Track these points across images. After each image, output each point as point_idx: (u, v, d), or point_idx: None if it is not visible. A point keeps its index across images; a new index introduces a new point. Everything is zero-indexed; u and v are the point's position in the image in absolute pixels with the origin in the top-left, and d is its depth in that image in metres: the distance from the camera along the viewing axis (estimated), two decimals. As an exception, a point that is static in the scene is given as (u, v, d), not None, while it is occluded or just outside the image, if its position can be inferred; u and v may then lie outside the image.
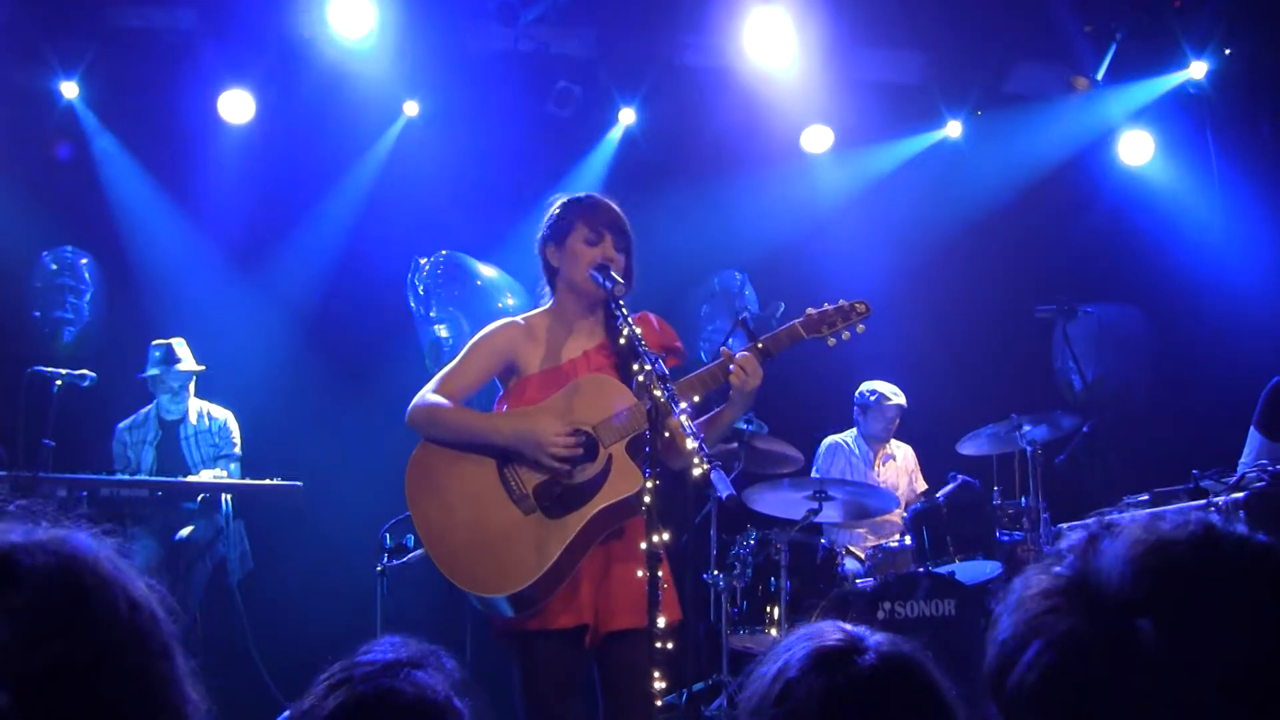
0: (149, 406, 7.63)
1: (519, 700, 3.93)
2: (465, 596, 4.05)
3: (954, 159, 9.19)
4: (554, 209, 4.28)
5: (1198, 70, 8.56)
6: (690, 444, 3.31)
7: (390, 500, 4.63)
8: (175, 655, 1.31)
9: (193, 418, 7.57)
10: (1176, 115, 8.91)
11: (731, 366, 3.98)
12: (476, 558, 3.99)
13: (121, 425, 7.57)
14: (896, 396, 7.97)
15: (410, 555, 6.26)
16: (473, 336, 4.36)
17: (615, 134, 8.97)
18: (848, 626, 1.73)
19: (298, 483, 7.04)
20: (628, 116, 8.87)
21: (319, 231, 8.74)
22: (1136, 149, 8.96)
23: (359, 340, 8.45)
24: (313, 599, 7.85)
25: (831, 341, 4.21)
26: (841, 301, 4.23)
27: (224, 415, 7.66)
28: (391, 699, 1.72)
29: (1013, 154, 9.07)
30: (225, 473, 7.31)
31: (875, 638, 1.71)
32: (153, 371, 7.51)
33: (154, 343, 7.58)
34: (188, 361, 7.57)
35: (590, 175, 8.75)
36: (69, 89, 8.17)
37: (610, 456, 3.98)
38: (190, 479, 7.13)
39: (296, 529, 7.66)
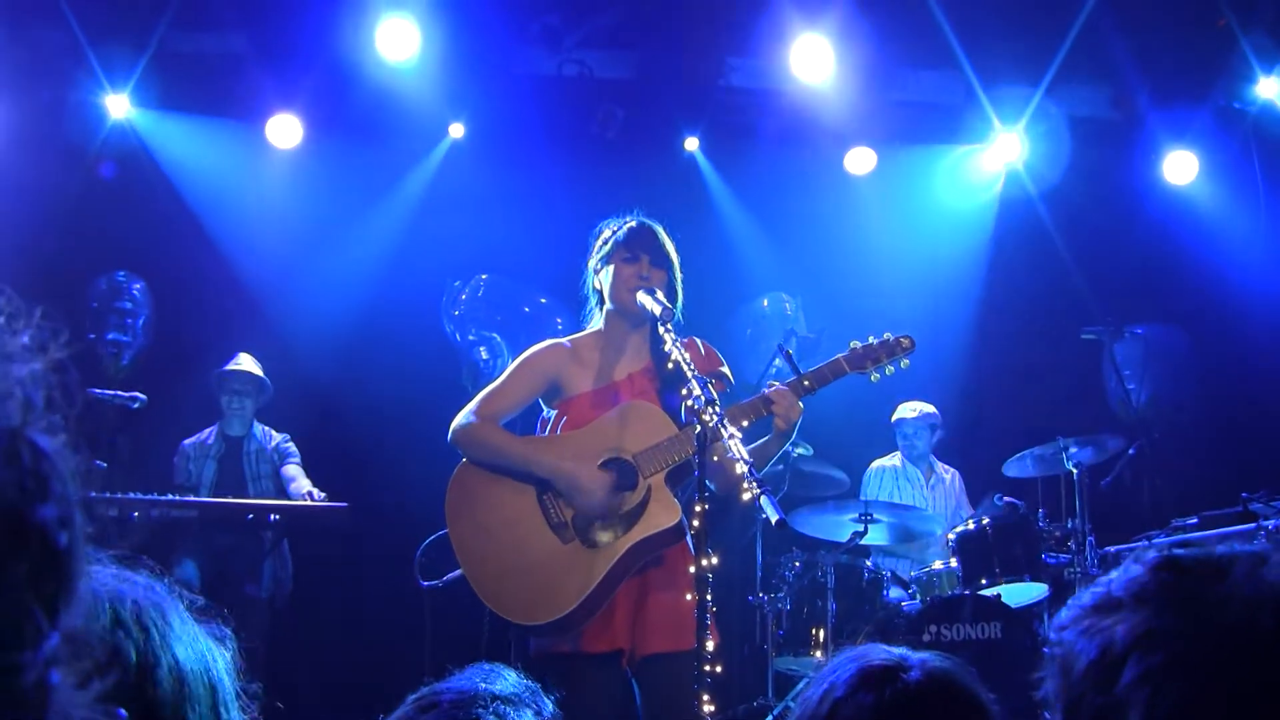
0: (212, 427, 7.75)
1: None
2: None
3: (996, 179, 9.13)
4: (601, 234, 4.34)
5: (1266, 89, 8.45)
6: (740, 468, 3.32)
7: (434, 519, 4.66)
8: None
9: (257, 433, 7.70)
10: (1220, 135, 8.82)
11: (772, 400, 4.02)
12: (514, 584, 4.02)
13: (187, 441, 7.69)
14: (907, 410, 7.92)
15: (450, 575, 6.24)
16: (514, 358, 4.41)
17: (669, 159, 8.91)
18: (893, 648, 1.77)
19: (343, 504, 7.05)
20: (692, 144, 8.84)
21: (364, 252, 8.75)
22: (1181, 169, 8.89)
23: (403, 362, 8.49)
24: (359, 620, 7.90)
25: (875, 377, 4.24)
26: (886, 335, 4.25)
27: (282, 435, 7.77)
28: None
29: (1056, 174, 9.00)
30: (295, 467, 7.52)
31: (920, 655, 1.75)
32: (232, 366, 7.66)
33: None
34: (253, 366, 7.72)
35: (637, 199, 8.70)
36: (118, 109, 8.18)
37: (650, 487, 4.00)
38: (243, 500, 7.22)
39: (342, 550, 7.70)
